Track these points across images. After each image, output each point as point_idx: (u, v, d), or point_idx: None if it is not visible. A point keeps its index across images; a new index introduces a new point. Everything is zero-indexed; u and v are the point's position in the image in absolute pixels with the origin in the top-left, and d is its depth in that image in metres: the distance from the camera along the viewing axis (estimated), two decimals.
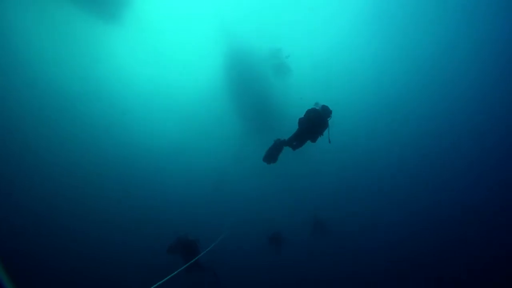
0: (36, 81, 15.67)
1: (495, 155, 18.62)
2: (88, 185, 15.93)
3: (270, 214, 15.31)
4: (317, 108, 6.65)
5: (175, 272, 4.25)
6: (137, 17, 16.41)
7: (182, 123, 19.43)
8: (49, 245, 13.63)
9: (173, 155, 18.96)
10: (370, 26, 20.24)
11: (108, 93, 17.83)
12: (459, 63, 20.18)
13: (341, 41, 20.66)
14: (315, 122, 6.37)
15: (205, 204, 16.42)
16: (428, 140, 20.42)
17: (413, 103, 20.91)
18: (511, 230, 14.74)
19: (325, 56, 20.39)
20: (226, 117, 18.52)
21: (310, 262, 14.37)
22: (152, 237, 12.70)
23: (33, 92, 15.62)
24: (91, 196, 15.60)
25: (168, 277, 3.84)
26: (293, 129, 6.72)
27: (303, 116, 6.55)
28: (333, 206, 16.57)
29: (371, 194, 18.36)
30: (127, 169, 17.49)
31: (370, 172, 19.39)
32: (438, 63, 20.53)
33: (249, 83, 17.15)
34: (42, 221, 14.35)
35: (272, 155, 6.83)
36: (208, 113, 18.93)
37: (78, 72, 16.50)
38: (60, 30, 15.08)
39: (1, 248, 11.23)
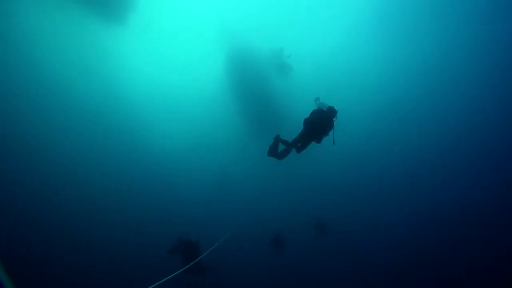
0: (42, 81, 15.67)
1: (495, 155, 18.61)
2: (90, 185, 15.91)
3: (271, 215, 15.32)
4: (318, 103, 6.63)
5: (174, 274, 4.23)
6: (141, 19, 16.46)
7: (185, 123, 19.43)
8: (50, 245, 13.61)
9: (175, 155, 18.94)
10: (372, 27, 20.24)
11: (112, 93, 17.82)
12: (460, 64, 20.18)
13: (343, 41, 20.67)
14: (321, 122, 6.31)
15: (206, 205, 16.42)
16: (428, 140, 20.41)
17: (414, 103, 20.90)
18: (511, 230, 14.74)
19: (327, 56, 20.40)
20: (228, 118, 18.52)
21: (310, 262, 14.39)
22: (153, 237, 12.69)
23: (38, 92, 15.62)
24: (93, 195, 15.58)
25: (166, 278, 3.82)
26: (295, 128, 6.68)
27: (308, 116, 6.51)
28: (333, 206, 16.57)
29: (371, 194, 18.35)
30: (130, 169, 17.47)
31: (370, 172, 19.39)
32: (439, 63, 20.52)
33: (251, 83, 17.14)
34: (43, 220, 14.33)
35: (274, 151, 6.79)
36: (210, 113, 18.93)
37: (84, 73, 16.52)
38: (65, 31, 15.11)
39: (1, 248, 11.22)
